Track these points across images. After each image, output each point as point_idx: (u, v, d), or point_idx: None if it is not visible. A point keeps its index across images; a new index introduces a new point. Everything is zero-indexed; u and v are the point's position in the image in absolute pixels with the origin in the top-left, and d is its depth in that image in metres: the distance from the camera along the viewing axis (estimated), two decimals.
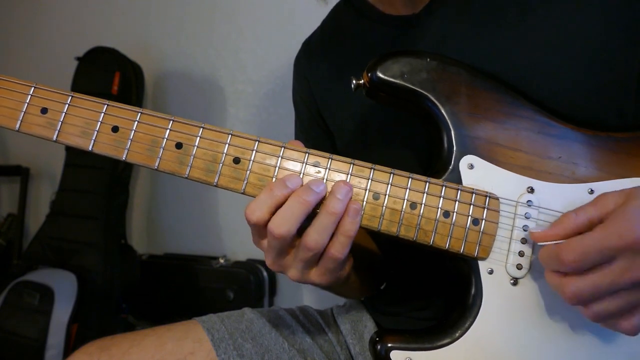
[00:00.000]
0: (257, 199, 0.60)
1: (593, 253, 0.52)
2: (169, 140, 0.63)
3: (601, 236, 0.52)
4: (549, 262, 0.56)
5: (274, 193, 0.60)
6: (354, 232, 0.61)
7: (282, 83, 1.87)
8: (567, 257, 0.53)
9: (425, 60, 0.68)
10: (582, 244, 0.53)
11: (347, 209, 0.60)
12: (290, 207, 0.59)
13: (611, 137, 0.66)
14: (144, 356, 0.76)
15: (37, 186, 2.38)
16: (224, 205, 2.01)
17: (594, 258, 0.52)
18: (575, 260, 0.52)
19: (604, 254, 0.51)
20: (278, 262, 0.64)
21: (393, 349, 0.64)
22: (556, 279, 0.56)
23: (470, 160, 0.65)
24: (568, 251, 0.53)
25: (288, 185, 0.60)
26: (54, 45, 2.31)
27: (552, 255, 0.55)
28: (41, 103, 0.64)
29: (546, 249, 0.57)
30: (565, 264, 0.53)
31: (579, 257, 0.52)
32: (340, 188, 0.60)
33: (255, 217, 0.60)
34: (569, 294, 0.54)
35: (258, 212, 0.60)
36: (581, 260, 0.52)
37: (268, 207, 0.60)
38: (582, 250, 0.52)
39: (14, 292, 1.75)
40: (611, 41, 0.70)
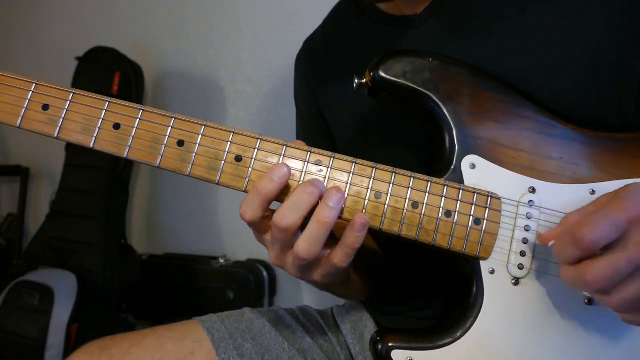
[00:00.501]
0: (246, 198, 0.60)
1: (604, 224, 0.50)
2: (171, 138, 0.63)
3: (608, 210, 0.51)
4: (566, 249, 0.54)
5: (260, 191, 0.59)
6: (359, 244, 0.60)
7: (282, 83, 1.87)
8: (582, 232, 0.51)
9: (427, 60, 0.68)
10: (592, 218, 0.51)
11: (353, 223, 0.60)
12: (296, 199, 0.59)
13: (612, 137, 0.66)
14: (144, 356, 0.76)
15: (37, 186, 2.38)
16: (224, 205, 2.01)
17: (607, 230, 0.50)
18: (591, 231, 0.50)
19: (617, 226, 0.50)
20: (281, 258, 0.64)
21: (394, 348, 0.64)
22: (573, 271, 0.53)
23: (472, 160, 0.65)
24: (581, 227, 0.51)
25: (274, 179, 0.60)
26: (54, 45, 2.31)
27: (567, 239, 0.53)
28: (42, 100, 0.64)
29: (559, 238, 0.56)
30: (582, 239, 0.51)
31: (593, 228, 0.50)
32: (332, 195, 0.59)
33: (248, 216, 0.60)
34: (591, 278, 0.51)
35: (249, 211, 0.60)
36: (596, 231, 0.50)
37: (258, 204, 0.60)
38: (594, 222, 0.51)
39: (14, 292, 1.74)
40: (612, 41, 0.70)
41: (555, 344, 0.63)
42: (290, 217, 0.58)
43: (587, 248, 0.52)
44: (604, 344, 0.62)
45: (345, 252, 0.61)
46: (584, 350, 0.62)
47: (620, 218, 0.50)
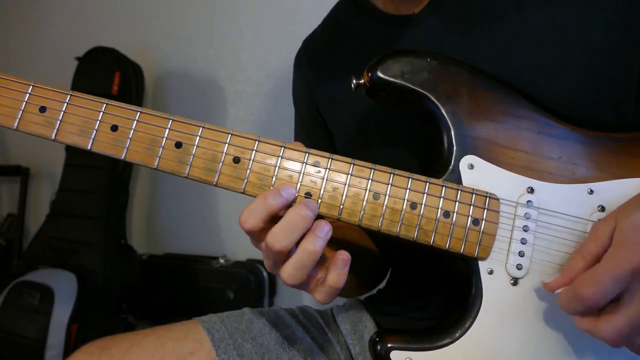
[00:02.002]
0: (250, 206, 0.60)
1: (608, 281, 0.51)
2: (169, 140, 0.63)
3: (610, 264, 0.52)
4: (570, 304, 0.55)
5: (268, 202, 0.59)
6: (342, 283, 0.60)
7: (282, 83, 1.87)
8: (585, 291, 0.52)
9: (425, 60, 0.67)
10: (594, 275, 0.52)
11: (335, 261, 0.60)
12: (290, 220, 0.58)
13: (611, 137, 0.66)
14: (144, 356, 0.76)
15: (37, 186, 2.38)
16: (224, 205, 2.01)
17: (611, 286, 0.51)
18: (594, 292, 0.51)
19: (620, 281, 0.51)
20: (275, 269, 0.64)
21: (393, 349, 0.64)
22: (590, 325, 0.54)
23: (470, 161, 0.65)
24: (583, 285, 0.53)
25: (282, 195, 0.60)
26: (54, 45, 2.31)
27: (571, 296, 0.54)
28: (40, 102, 0.64)
29: (563, 293, 0.56)
30: (585, 298, 0.52)
31: (595, 288, 0.51)
32: (322, 226, 0.59)
33: (249, 225, 0.59)
34: (611, 336, 0.52)
35: (252, 220, 0.59)
36: (599, 291, 0.51)
37: (262, 215, 0.59)
38: (596, 281, 0.52)
39: (14, 292, 1.75)
40: (611, 41, 0.70)
41: (554, 344, 0.63)
42: (284, 241, 0.58)
43: (590, 307, 0.53)
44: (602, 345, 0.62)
45: (328, 292, 0.61)
46: (582, 350, 0.62)
47: (622, 273, 0.51)
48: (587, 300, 0.52)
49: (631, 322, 0.51)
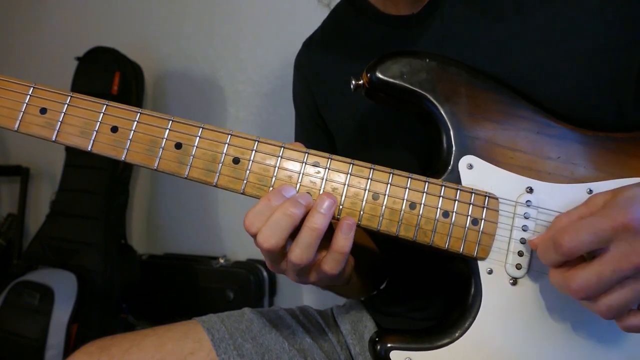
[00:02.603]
0: (254, 209, 0.60)
1: (587, 232, 0.51)
2: (169, 141, 0.63)
3: (593, 219, 0.52)
4: (547, 252, 0.56)
5: (272, 204, 0.59)
6: (348, 248, 0.60)
7: (282, 83, 1.87)
8: (562, 239, 0.52)
9: (424, 60, 0.68)
10: (575, 225, 0.53)
11: (340, 225, 0.60)
12: (276, 220, 0.59)
13: (610, 137, 0.66)
14: (144, 356, 0.76)
15: (37, 186, 2.38)
16: (224, 205, 2.01)
17: (588, 237, 0.51)
18: (570, 239, 0.52)
19: (599, 236, 0.51)
20: (275, 267, 0.65)
21: (393, 349, 0.64)
22: (559, 276, 0.55)
23: (469, 161, 0.65)
24: (562, 234, 0.53)
25: (285, 195, 0.60)
26: (54, 45, 2.31)
27: (549, 243, 0.55)
28: (40, 103, 0.64)
29: (542, 242, 0.57)
30: (560, 245, 0.53)
31: (572, 236, 0.52)
32: (323, 201, 0.60)
33: (255, 228, 0.60)
34: (576, 287, 0.53)
35: (257, 223, 0.60)
36: (576, 239, 0.52)
37: (267, 217, 0.59)
38: (575, 230, 0.52)
39: (14, 292, 1.75)
40: (610, 41, 0.70)
41: (553, 343, 0.63)
42: (272, 239, 0.59)
43: (565, 254, 0.53)
44: (601, 344, 0.62)
45: (334, 258, 0.61)
46: (582, 349, 0.62)
47: (603, 227, 0.51)
48: (563, 247, 0.52)
49: (599, 276, 0.51)
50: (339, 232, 0.60)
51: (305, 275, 0.64)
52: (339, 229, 0.60)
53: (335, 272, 0.62)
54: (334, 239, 0.60)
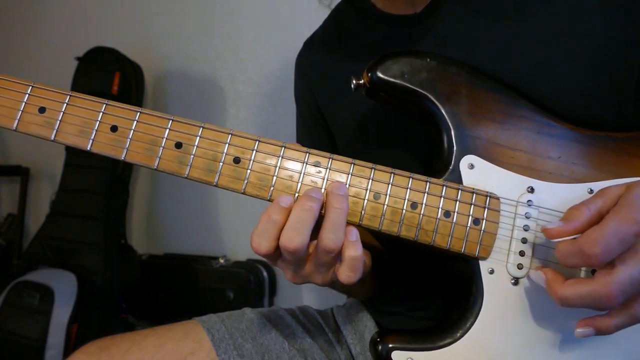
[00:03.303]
0: (257, 230, 0.60)
1: (614, 241, 0.51)
2: (169, 140, 0.63)
3: (616, 223, 0.51)
4: (571, 258, 0.54)
5: (273, 218, 0.59)
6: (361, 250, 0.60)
7: (282, 83, 1.87)
8: (593, 249, 0.51)
9: (425, 60, 0.68)
10: (602, 234, 0.52)
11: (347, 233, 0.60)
12: (297, 218, 0.59)
13: (610, 137, 0.66)
14: (144, 356, 0.76)
15: (37, 186, 2.38)
16: (224, 205, 2.01)
17: (617, 246, 0.51)
18: (602, 251, 0.51)
19: (625, 240, 0.51)
20: (299, 274, 0.64)
21: (394, 349, 0.64)
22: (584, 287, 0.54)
23: (470, 160, 0.65)
24: (591, 244, 0.52)
25: (282, 205, 0.60)
26: (54, 45, 2.31)
27: (575, 250, 0.53)
28: (39, 102, 0.63)
29: (565, 246, 0.55)
30: (592, 257, 0.51)
31: (603, 247, 0.51)
32: (337, 186, 0.61)
33: (264, 248, 0.60)
34: (615, 291, 0.51)
35: (265, 243, 0.59)
36: (606, 250, 0.51)
37: (273, 234, 0.59)
38: (605, 240, 0.51)
39: (14, 292, 1.75)
40: (611, 41, 0.70)
41: (554, 343, 0.63)
42: (297, 238, 0.58)
43: (595, 265, 0.53)
44: (602, 344, 0.62)
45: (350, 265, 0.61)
46: (583, 349, 0.62)
47: (629, 233, 0.51)
48: (594, 258, 0.51)
49: (632, 278, 0.51)
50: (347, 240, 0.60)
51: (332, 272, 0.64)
52: (347, 235, 0.60)
53: (353, 278, 0.61)
54: (345, 248, 0.60)
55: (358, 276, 0.61)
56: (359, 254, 0.60)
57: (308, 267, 0.63)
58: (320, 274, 0.63)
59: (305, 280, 0.65)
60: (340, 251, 0.61)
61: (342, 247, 0.60)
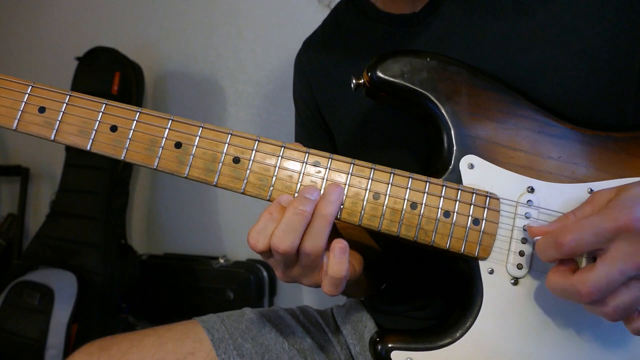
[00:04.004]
0: (257, 226, 0.60)
1: (589, 231, 0.51)
2: (168, 140, 0.63)
3: (596, 218, 0.52)
4: (546, 249, 0.55)
5: (274, 217, 0.60)
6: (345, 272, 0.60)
7: (282, 83, 1.87)
8: (564, 237, 0.52)
9: (425, 59, 0.67)
10: (578, 225, 0.52)
11: (333, 248, 0.60)
12: (288, 221, 0.59)
13: (611, 137, 0.66)
14: (144, 356, 0.76)
15: (37, 186, 2.38)
16: (224, 205, 2.01)
17: (590, 237, 0.51)
18: (572, 239, 0.52)
19: (600, 236, 0.51)
20: (288, 275, 0.64)
21: (394, 349, 0.64)
22: (564, 280, 0.54)
23: (470, 160, 0.65)
24: (564, 232, 0.52)
25: (284, 205, 0.60)
26: (54, 45, 2.31)
27: (549, 240, 0.54)
28: (39, 102, 0.64)
29: (543, 237, 0.56)
30: (562, 244, 0.52)
31: (575, 236, 0.52)
32: (331, 191, 0.60)
33: (261, 245, 0.60)
34: (587, 290, 0.52)
35: (262, 240, 0.60)
36: (578, 238, 0.51)
37: (271, 232, 0.60)
38: (577, 229, 0.52)
39: (14, 292, 1.75)
40: (611, 41, 0.70)
41: (554, 343, 0.63)
42: (287, 240, 0.58)
43: (566, 253, 0.53)
44: (602, 344, 0.62)
45: (332, 282, 0.61)
46: (582, 350, 0.62)
47: (605, 227, 0.51)
48: (565, 246, 0.52)
49: (608, 277, 0.51)
50: (332, 257, 0.60)
51: (317, 276, 0.64)
52: (332, 253, 0.60)
53: (333, 292, 0.62)
54: (329, 263, 0.60)
55: (339, 291, 0.62)
56: (342, 274, 0.60)
57: (296, 270, 0.63)
58: (307, 276, 0.64)
59: (293, 280, 0.66)
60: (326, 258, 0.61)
61: (327, 263, 0.60)
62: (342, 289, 0.62)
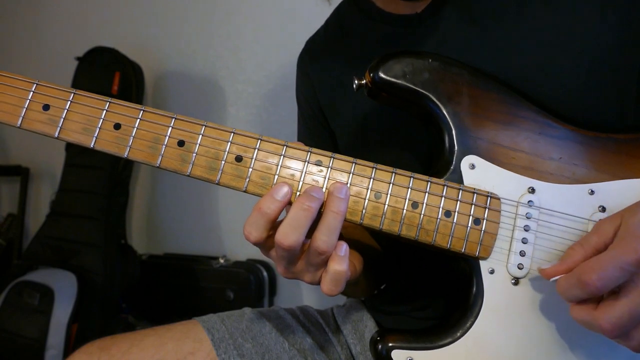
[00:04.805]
0: (250, 218, 0.60)
1: (612, 269, 0.50)
2: (171, 138, 0.63)
3: (617, 253, 0.51)
4: (571, 290, 0.54)
5: (264, 211, 0.59)
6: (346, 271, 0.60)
7: (282, 83, 1.87)
8: (589, 276, 0.51)
9: (427, 60, 0.68)
10: (600, 262, 0.52)
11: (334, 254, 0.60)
12: (294, 216, 0.59)
13: (612, 138, 0.66)
14: (144, 356, 0.76)
15: (37, 186, 2.38)
16: (224, 205, 2.01)
17: (615, 273, 0.50)
18: (598, 278, 0.50)
19: (624, 270, 0.50)
20: (290, 270, 0.64)
21: (394, 348, 0.64)
22: (586, 314, 0.54)
23: (471, 161, 0.65)
24: (588, 271, 0.52)
25: (277, 198, 0.60)
26: (54, 45, 2.31)
27: (572, 281, 0.53)
28: (43, 100, 0.64)
29: (564, 278, 0.55)
30: (588, 284, 0.51)
31: (600, 274, 0.51)
32: (339, 188, 0.60)
33: (253, 238, 0.60)
34: (609, 325, 0.51)
35: (255, 233, 0.60)
36: (603, 277, 0.50)
37: (263, 225, 0.59)
38: (601, 267, 0.51)
39: (14, 292, 1.75)
40: (612, 42, 0.70)
41: (554, 343, 0.63)
42: (292, 235, 0.58)
43: (593, 293, 0.52)
44: (603, 345, 0.62)
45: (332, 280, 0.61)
46: (583, 349, 0.62)
47: (629, 261, 0.50)
48: (590, 285, 0.51)
49: (631, 312, 0.51)
50: (334, 256, 0.60)
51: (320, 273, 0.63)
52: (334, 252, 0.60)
53: (333, 291, 0.62)
54: (330, 261, 0.60)
55: (339, 290, 0.62)
56: (344, 269, 0.60)
57: (299, 265, 0.63)
58: (310, 273, 0.63)
59: (295, 277, 0.65)
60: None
61: (329, 262, 0.60)
62: (341, 289, 0.62)
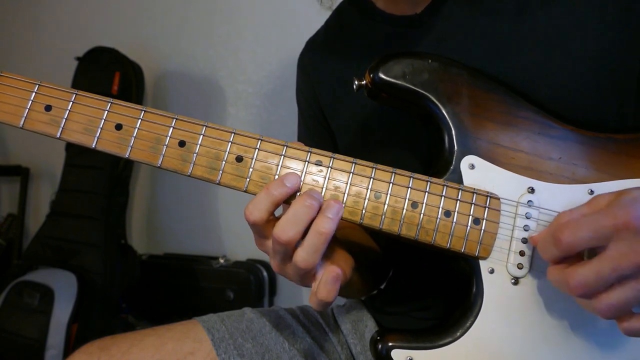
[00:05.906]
0: (255, 198, 0.60)
1: (586, 229, 0.51)
2: (172, 138, 0.63)
3: (595, 216, 0.52)
4: (546, 247, 0.56)
5: (272, 192, 0.59)
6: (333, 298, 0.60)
7: (282, 83, 1.87)
8: (562, 233, 0.52)
9: (426, 61, 0.68)
10: (576, 221, 0.53)
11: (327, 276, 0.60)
12: (295, 212, 0.58)
13: (611, 138, 0.66)
14: (144, 356, 0.76)
15: (37, 186, 2.38)
16: (224, 205, 2.01)
17: (588, 233, 0.51)
18: (569, 235, 0.52)
19: (599, 233, 0.51)
20: (282, 268, 0.64)
21: (394, 348, 0.64)
22: (558, 272, 0.55)
23: (471, 161, 0.65)
24: (562, 229, 0.53)
25: (286, 184, 0.60)
26: (54, 45, 2.31)
27: (548, 237, 0.55)
28: (45, 100, 0.64)
29: (542, 235, 0.57)
30: (560, 240, 0.52)
31: (573, 231, 0.52)
32: (332, 206, 0.59)
33: (253, 217, 0.60)
34: (574, 283, 0.52)
35: (256, 212, 0.59)
36: (575, 234, 0.52)
37: (267, 206, 0.59)
38: (575, 226, 0.52)
39: (14, 292, 1.75)
40: (612, 42, 0.70)
41: (554, 343, 0.63)
42: (290, 231, 0.58)
43: (564, 250, 0.53)
44: (603, 344, 0.62)
45: (319, 304, 0.61)
46: (583, 349, 0.62)
47: (604, 225, 0.51)
48: (561, 242, 0.52)
49: (598, 273, 0.51)
50: (324, 284, 0.60)
51: (309, 280, 0.64)
52: (324, 280, 0.60)
53: (320, 310, 0.62)
54: (319, 288, 0.60)
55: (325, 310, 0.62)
56: (330, 300, 0.60)
57: (290, 268, 0.63)
58: (299, 277, 0.63)
59: (286, 276, 0.65)
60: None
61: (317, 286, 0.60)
62: (328, 309, 0.62)
